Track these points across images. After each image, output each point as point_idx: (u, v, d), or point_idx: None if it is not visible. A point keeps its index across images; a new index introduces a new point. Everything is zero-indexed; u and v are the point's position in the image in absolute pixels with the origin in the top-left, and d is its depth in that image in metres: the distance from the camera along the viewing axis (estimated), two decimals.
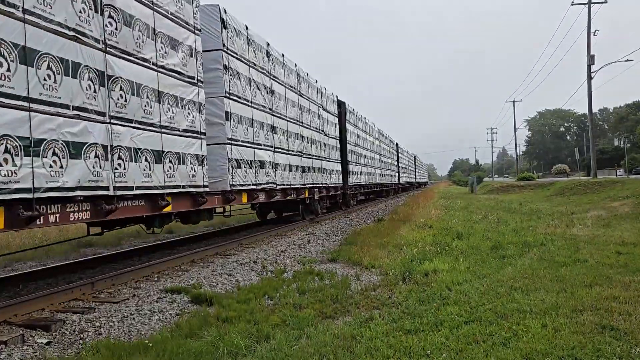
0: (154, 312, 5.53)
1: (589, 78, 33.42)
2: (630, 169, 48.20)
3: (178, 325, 4.93)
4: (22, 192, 4.74)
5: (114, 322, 5.12)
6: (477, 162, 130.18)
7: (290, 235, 12.62)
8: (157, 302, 5.97)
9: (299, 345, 4.19)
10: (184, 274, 7.55)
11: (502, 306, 5.16)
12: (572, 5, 34.15)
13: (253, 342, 4.33)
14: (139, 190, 6.66)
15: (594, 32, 33.30)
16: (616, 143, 58.62)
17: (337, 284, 6.63)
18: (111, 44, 6.21)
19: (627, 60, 33.81)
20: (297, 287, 6.50)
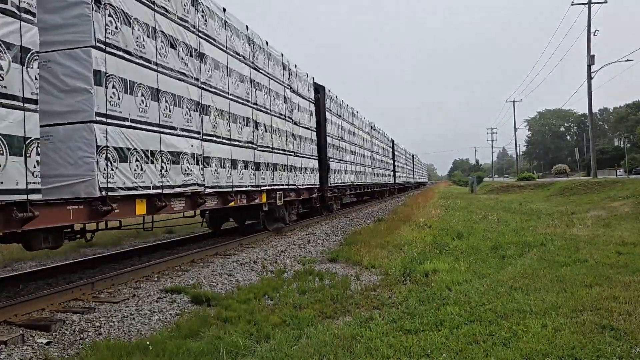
0: (154, 312, 5.53)
1: (589, 78, 33.44)
2: (630, 169, 48.20)
3: (178, 325, 4.93)
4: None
5: (114, 322, 5.12)
6: (477, 162, 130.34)
7: (290, 235, 12.63)
8: (157, 302, 5.98)
9: (299, 345, 4.20)
10: (184, 274, 7.55)
11: (502, 306, 5.16)
12: (572, 5, 34.20)
13: (253, 342, 4.34)
14: None
15: (594, 32, 33.36)
16: (616, 143, 58.62)
17: (337, 284, 6.64)
18: None
19: (627, 60, 33.87)
20: (297, 287, 6.51)
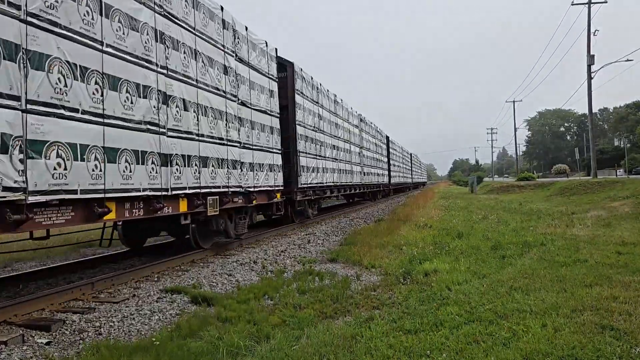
0: (154, 312, 5.53)
1: (589, 78, 33.43)
2: (630, 169, 48.17)
3: (178, 325, 4.93)
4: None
5: (114, 322, 5.12)
6: (477, 162, 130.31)
7: (290, 236, 12.63)
8: (157, 302, 5.98)
9: (299, 345, 4.20)
10: (184, 274, 7.55)
11: (502, 306, 5.16)
12: (572, 5, 34.17)
13: (253, 342, 4.33)
14: None
15: (594, 32, 33.34)
16: (616, 143, 58.61)
17: (337, 284, 6.64)
18: None
19: (627, 60, 33.86)
20: (297, 287, 6.50)
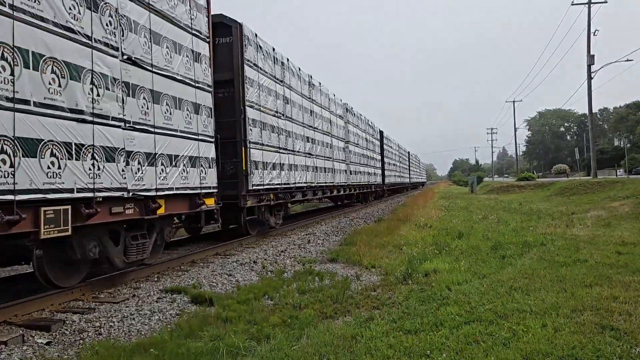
0: (154, 312, 5.53)
1: (589, 78, 33.42)
2: (630, 169, 48.16)
3: (178, 325, 4.93)
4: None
5: (114, 322, 5.12)
6: (477, 162, 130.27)
7: (290, 236, 12.62)
8: (157, 302, 5.98)
9: (299, 345, 4.19)
10: (184, 274, 7.55)
11: (502, 306, 5.16)
12: (572, 5, 34.16)
13: (253, 343, 4.33)
14: None
15: (594, 32, 33.33)
16: (616, 143, 58.60)
17: (337, 284, 6.64)
18: None
19: (627, 60, 33.85)
20: (297, 287, 6.50)
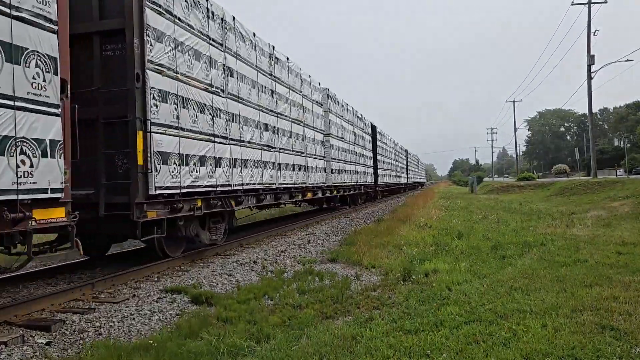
0: (154, 312, 5.53)
1: (589, 78, 33.41)
2: (630, 169, 48.14)
3: (178, 325, 4.93)
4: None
5: (114, 322, 5.12)
6: (477, 162, 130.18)
7: (290, 236, 12.62)
8: (157, 302, 5.98)
9: (299, 345, 4.19)
10: (184, 274, 7.55)
11: (502, 306, 5.16)
12: (572, 5, 34.16)
13: (253, 342, 4.33)
14: None
15: (594, 32, 33.32)
16: (616, 143, 58.58)
17: (337, 284, 6.63)
18: None
19: (627, 60, 33.85)
20: (297, 287, 6.50)
